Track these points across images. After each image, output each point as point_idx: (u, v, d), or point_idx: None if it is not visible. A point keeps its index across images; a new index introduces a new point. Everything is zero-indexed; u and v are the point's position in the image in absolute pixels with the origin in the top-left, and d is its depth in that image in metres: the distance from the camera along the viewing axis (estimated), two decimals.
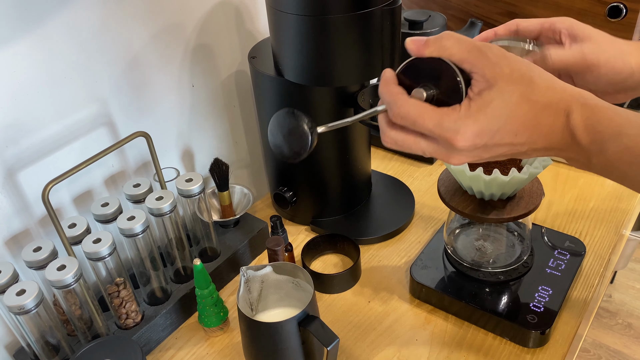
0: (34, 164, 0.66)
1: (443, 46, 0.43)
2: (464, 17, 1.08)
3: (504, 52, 0.43)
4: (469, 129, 0.42)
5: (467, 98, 0.43)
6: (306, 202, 0.86)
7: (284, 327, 0.57)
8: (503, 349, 0.67)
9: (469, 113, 0.42)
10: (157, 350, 0.71)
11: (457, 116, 0.42)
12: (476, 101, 0.42)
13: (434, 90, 0.45)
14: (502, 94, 0.42)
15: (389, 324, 0.71)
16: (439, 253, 0.75)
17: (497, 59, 0.42)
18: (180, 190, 0.71)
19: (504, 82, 0.42)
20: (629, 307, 1.79)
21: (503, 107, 0.42)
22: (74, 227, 0.66)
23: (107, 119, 0.72)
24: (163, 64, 0.76)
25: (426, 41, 0.44)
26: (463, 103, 0.43)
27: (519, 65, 0.43)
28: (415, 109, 0.44)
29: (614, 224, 0.83)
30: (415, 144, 0.45)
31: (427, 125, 0.43)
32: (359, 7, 0.64)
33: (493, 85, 0.42)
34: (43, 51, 0.62)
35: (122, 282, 0.66)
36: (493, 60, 0.42)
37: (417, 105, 0.44)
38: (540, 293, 0.68)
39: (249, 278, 0.63)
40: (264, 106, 0.79)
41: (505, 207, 0.64)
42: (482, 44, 0.43)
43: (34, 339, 0.61)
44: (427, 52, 0.44)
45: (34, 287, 0.58)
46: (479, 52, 0.42)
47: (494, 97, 0.42)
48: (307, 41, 0.67)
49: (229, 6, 0.82)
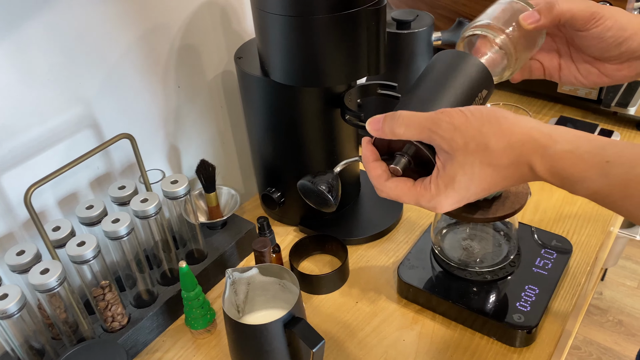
0: (16, 166, 0.65)
1: (396, 133, 0.47)
2: (452, 17, 1.08)
3: (453, 125, 0.44)
4: (444, 203, 0.46)
5: (436, 169, 0.46)
6: (294, 203, 0.85)
7: (269, 329, 0.57)
8: (490, 349, 0.67)
9: (438, 191, 0.46)
10: (144, 353, 0.71)
11: (430, 196, 0.46)
12: (442, 177, 0.46)
13: (407, 157, 0.49)
14: (462, 167, 0.44)
15: (377, 324, 0.71)
16: (426, 253, 0.75)
17: (448, 133, 0.44)
18: (166, 192, 0.71)
19: (461, 155, 0.44)
20: (620, 305, 1.80)
21: (467, 179, 0.45)
22: (58, 230, 0.65)
23: (92, 121, 0.71)
24: (148, 64, 0.75)
25: (382, 126, 0.47)
26: (432, 179, 0.46)
27: (471, 133, 0.44)
28: (393, 191, 0.48)
29: (601, 222, 0.83)
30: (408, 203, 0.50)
31: (409, 202, 0.48)
32: (343, 8, 0.63)
33: (453, 157, 0.44)
34: (24, 53, 0.61)
35: (107, 285, 0.66)
36: (446, 136, 0.44)
37: (395, 188, 0.48)
38: (527, 292, 0.68)
39: (235, 280, 0.63)
40: (251, 107, 0.79)
41: (491, 206, 0.64)
42: (431, 121, 0.45)
43: (17, 344, 0.61)
44: (384, 136, 0.48)
45: (16, 291, 0.58)
46: (430, 132, 0.45)
47: (456, 172, 0.45)
48: (292, 42, 0.67)
49: (214, 6, 0.82)
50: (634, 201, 0.39)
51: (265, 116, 0.78)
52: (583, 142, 0.42)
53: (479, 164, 0.44)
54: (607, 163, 0.40)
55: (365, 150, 0.50)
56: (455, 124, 0.44)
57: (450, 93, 0.50)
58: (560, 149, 0.42)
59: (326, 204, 0.58)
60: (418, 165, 0.49)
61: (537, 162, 0.42)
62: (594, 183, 0.40)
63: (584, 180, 0.41)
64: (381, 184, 0.49)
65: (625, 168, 0.39)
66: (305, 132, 0.78)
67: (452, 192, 0.45)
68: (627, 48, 0.52)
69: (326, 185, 0.57)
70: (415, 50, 0.94)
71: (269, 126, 0.79)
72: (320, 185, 0.56)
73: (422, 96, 0.50)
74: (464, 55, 0.51)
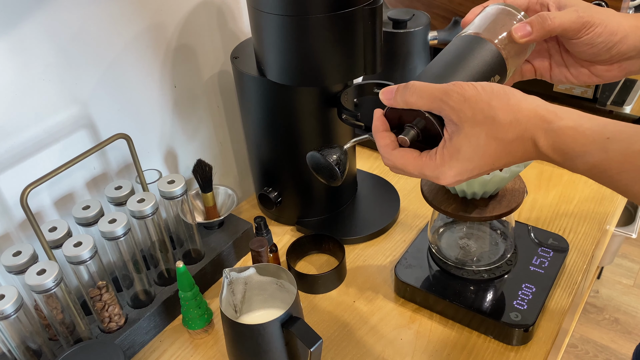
0: (13, 167, 0.65)
1: (408, 102, 0.48)
2: (448, 16, 1.08)
3: (463, 97, 0.45)
4: (447, 174, 0.47)
5: (443, 140, 0.47)
6: (291, 203, 0.85)
7: (267, 329, 0.57)
8: (487, 347, 0.67)
9: (443, 161, 0.47)
10: (141, 353, 0.71)
11: (434, 165, 0.48)
12: (448, 148, 0.47)
13: (417, 130, 0.49)
14: (469, 138, 0.45)
15: (374, 323, 0.71)
16: (423, 252, 0.75)
17: (458, 105, 0.45)
18: (163, 192, 0.71)
19: (469, 126, 0.45)
20: (616, 303, 1.81)
21: (472, 150, 0.46)
22: (54, 230, 0.65)
23: (88, 121, 0.71)
24: (144, 64, 0.75)
25: (395, 95, 0.49)
26: (438, 149, 0.48)
27: (481, 105, 0.45)
28: (399, 160, 0.50)
29: (597, 220, 0.84)
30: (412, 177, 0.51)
31: (412, 172, 0.49)
32: (339, 7, 0.63)
33: (461, 129, 0.46)
34: (20, 53, 0.61)
35: (104, 286, 0.66)
36: (455, 107, 0.45)
37: (401, 157, 0.49)
38: (523, 291, 0.68)
39: (232, 280, 0.63)
40: (248, 106, 0.79)
41: (487, 205, 0.64)
42: (442, 92, 0.46)
43: (14, 345, 0.61)
44: (396, 105, 0.49)
45: (13, 292, 0.58)
46: (440, 102, 0.46)
47: (462, 143, 0.46)
48: (288, 41, 0.67)
49: (210, 6, 0.81)
50: (630, 175, 0.41)
51: (262, 116, 0.78)
52: (585, 120, 0.44)
53: (485, 136, 0.45)
54: (607, 139, 0.42)
55: (376, 121, 0.52)
56: (466, 95, 0.45)
57: (464, 72, 0.50)
58: (563, 125, 0.44)
59: (333, 178, 0.59)
60: (425, 139, 0.49)
61: (541, 137, 0.44)
62: (593, 157, 0.42)
63: (584, 155, 0.43)
64: (388, 152, 0.50)
65: (625, 144, 0.41)
66: (302, 131, 0.78)
67: (456, 163, 0.46)
68: (617, 51, 0.53)
69: (335, 157, 0.58)
70: (412, 49, 0.94)
71: (266, 126, 0.79)
72: (329, 157, 0.57)
73: (435, 72, 0.51)
74: (479, 40, 0.52)
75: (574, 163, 0.44)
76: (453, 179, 0.48)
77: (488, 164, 0.47)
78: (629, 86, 1.01)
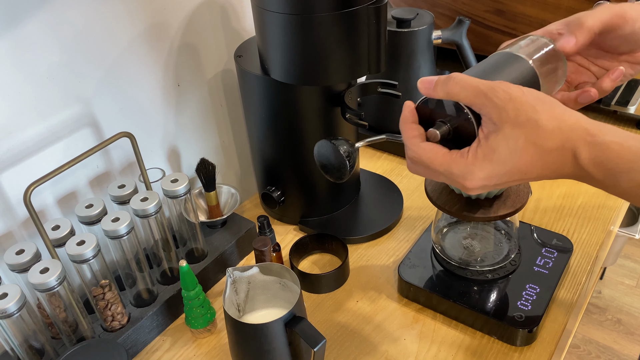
0: (16, 165, 0.65)
1: (450, 92, 0.46)
2: (452, 15, 1.08)
3: (509, 95, 0.43)
4: (476, 175, 0.45)
5: (477, 140, 0.45)
6: (294, 202, 0.85)
7: (270, 329, 0.57)
8: (491, 348, 0.67)
9: (475, 160, 0.44)
10: (144, 352, 0.71)
11: (465, 163, 0.45)
12: (483, 147, 0.44)
13: (449, 127, 0.47)
14: (507, 139, 0.43)
15: (377, 323, 0.71)
16: (427, 252, 0.75)
17: (502, 102, 0.43)
18: (166, 191, 0.71)
19: (509, 127, 0.43)
20: (619, 303, 1.80)
21: (508, 153, 0.43)
22: (57, 229, 0.65)
23: (91, 120, 0.71)
24: (148, 63, 0.75)
25: (435, 84, 0.46)
26: (471, 148, 0.45)
27: (525, 107, 0.43)
28: (426, 154, 0.47)
29: (601, 220, 0.83)
30: (434, 177, 0.48)
31: (438, 169, 0.46)
32: (344, 6, 0.63)
33: (499, 129, 0.43)
34: (23, 51, 0.61)
35: (107, 284, 0.66)
36: (499, 104, 0.43)
37: (429, 151, 0.47)
38: (527, 291, 0.68)
39: (235, 279, 0.62)
40: (251, 105, 0.79)
41: (492, 205, 0.64)
42: (488, 87, 0.44)
43: (17, 343, 0.60)
44: (436, 95, 0.47)
45: (16, 290, 0.57)
46: (484, 97, 0.44)
47: (499, 144, 0.43)
48: (292, 40, 0.67)
49: (214, 4, 0.81)
50: None
51: (265, 115, 0.78)
52: (630, 137, 0.43)
53: (524, 140, 0.43)
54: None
55: (405, 112, 0.49)
56: (512, 94, 0.44)
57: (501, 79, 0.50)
58: (608, 140, 0.42)
59: (340, 172, 0.55)
60: (456, 138, 0.47)
61: (583, 150, 0.42)
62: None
63: (630, 172, 0.41)
64: (415, 144, 0.47)
65: None
66: (306, 130, 0.78)
67: (489, 164, 0.44)
68: None
69: (348, 149, 0.54)
70: (415, 48, 0.93)
71: (269, 125, 0.79)
72: (341, 147, 0.54)
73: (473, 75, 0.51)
74: (518, 57, 0.53)
75: (617, 180, 0.42)
76: (480, 182, 0.45)
77: (520, 171, 0.44)
78: (633, 87, 1.01)
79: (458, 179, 0.46)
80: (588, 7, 0.90)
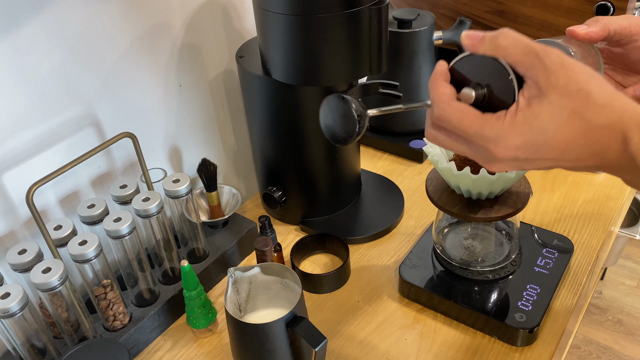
0: (18, 165, 0.65)
1: (499, 45, 0.41)
2: (453, 16, 1.08)
3: (562, 60, 0.40)
4: (510, 141, 0.41)
5: (516, 104, 0.41)
6: (295, 202, 0.85)
7: (272, 328, 0.57)
8: (492, 348, 0.67)
9: (513, 124, 0.40)
10: (146, 352, 0.71)
11: (501, 126, 0.41)
12: (523, 111, 0.40)
13: (485, 90, 0.44)
14: (552, 107, 0.39)
15: (378, 323, 0.71)
16: (427, 252, 0.75)
17: (554, 66, 0.39)
18: (168, 191, 0.71)
19: (556, 94, 0.39)
20: (619, 304, 1.80)
21: (551, 122, 0.39)
22: (59, 229, 0.65)
23: (93, 120, 0.71)
24: (149, 63, 0.75)
25: (482, 38, 0.42)
26: (509, 111, 0.41)
27: (577, 76, 0.39)
28: (457, 114, 0.42)
29: (602, 221, 0.83)
30: (455, 146, 0.44)
31: (468, 131, 0.42)
32: (346, 7, 0.63)
33: (545, 95, 0.39)
34: (25, 52, 0.61)
35: (109, 284, 0.66)
36: (550, 67, 0.39)
37: (460, 111, 0.42)
38: (528, 292, 0.68)
39: (237, 279, 0.63)
40: (253, 106, 0.79)
41: (492, 206, 0.64)
42: (541, 47, 0.40)
43: (19, 343, 0.61)
44: (481, 49, 0.43)
45: (18, 290, 0.58)
46: (535, 57, 0.40)
47: (543, 110, 0.39)
48: (294, 41, 0.67)
49: (216, 5, 0.81)
50: None
51: (267, 115, 0.78)
52: None
53: (571, 111, 0.39)
54: None
55: (438, 69, 0.45)
56: (565, 61, 0.40)
57: None
58: None
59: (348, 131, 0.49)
60: (489, 107, 0.43)
61: (636, 134, 0.38)
62: None
63: None
64: (446, 102, 0.43)
65: None
66: (307, 131, 0.78)
67: (528, 130, 0.40)
68: None
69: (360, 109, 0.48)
70: (417, 49, 0.94)
71: (270, 125, 0.79)
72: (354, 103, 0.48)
73: None
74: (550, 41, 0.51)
75: None
76: (512, 152, 0.41)
77: (558, 147, 0.40)
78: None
79: (489, 144, 0.41)
80: (588, 8, 0.91)
